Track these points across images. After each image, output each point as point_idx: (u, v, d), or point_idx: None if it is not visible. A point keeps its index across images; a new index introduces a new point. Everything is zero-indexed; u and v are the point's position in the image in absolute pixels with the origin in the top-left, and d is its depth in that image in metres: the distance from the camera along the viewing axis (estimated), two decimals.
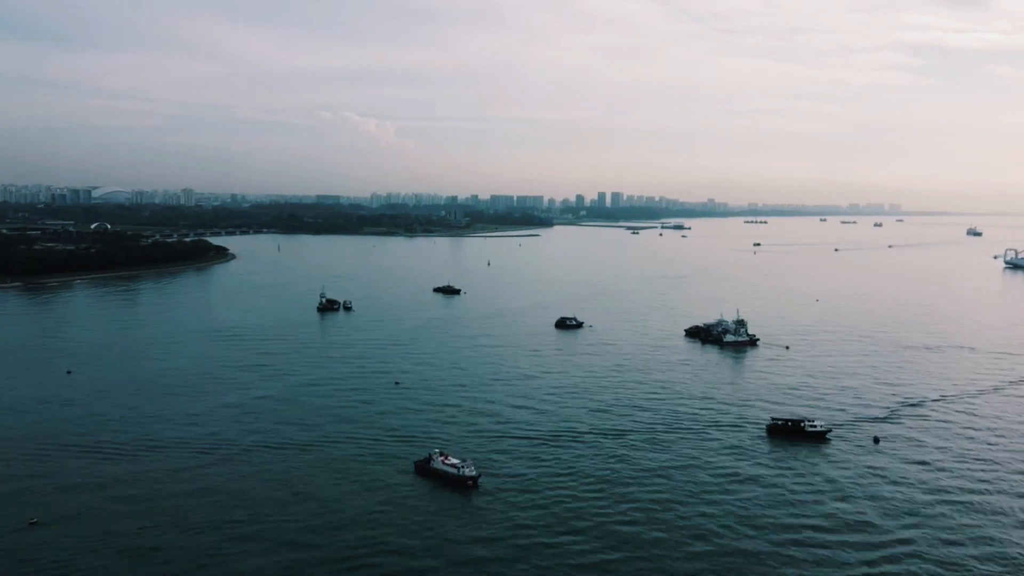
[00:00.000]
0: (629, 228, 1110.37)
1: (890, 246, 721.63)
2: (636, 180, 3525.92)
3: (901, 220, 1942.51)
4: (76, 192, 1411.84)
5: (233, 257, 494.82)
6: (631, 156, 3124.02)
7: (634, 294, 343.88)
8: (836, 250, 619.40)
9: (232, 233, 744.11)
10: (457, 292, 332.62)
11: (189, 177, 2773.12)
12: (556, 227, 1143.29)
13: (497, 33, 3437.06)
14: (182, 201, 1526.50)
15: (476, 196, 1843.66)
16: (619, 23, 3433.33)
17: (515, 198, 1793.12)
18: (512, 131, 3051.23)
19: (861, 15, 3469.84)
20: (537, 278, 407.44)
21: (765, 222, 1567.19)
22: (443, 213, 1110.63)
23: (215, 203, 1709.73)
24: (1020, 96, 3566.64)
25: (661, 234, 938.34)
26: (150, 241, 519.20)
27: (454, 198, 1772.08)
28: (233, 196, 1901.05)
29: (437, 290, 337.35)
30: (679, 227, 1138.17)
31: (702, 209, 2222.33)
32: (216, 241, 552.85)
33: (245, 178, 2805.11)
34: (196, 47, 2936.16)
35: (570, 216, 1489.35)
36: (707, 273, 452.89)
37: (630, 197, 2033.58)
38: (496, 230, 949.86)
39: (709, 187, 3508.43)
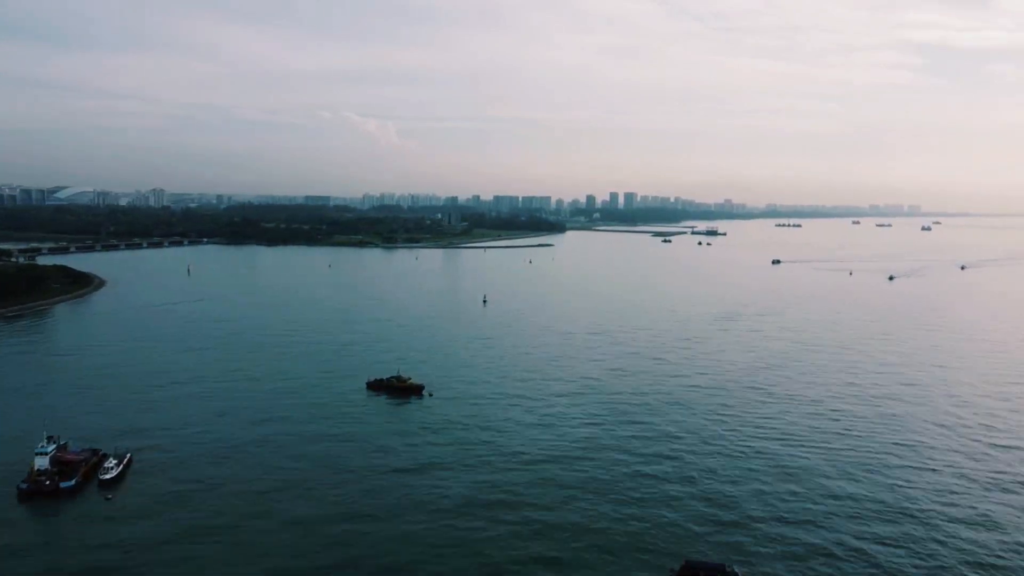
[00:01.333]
0: (656, 234, 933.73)
1: (963, 267, 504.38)
2: (642, 180, 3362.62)
3: (938, 223, 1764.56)
4: (28, 192, 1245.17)
5: (99, 287, 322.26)
6: (635, 156, 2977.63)
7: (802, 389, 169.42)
8: (891, 278, 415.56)
9: (158, 245, 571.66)
10: (417, 391, 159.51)
11: (188, 178, 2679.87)
12: (569, 232, 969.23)
13: (497, 33, 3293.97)
14: (151, 202, 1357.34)
15: (478, 197, 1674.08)
16: (619, 23, 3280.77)
17: (520, 199, 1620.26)
18: (514, 131, 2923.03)
19: (862, 13, 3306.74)
20: (571, 333, 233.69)
21: (799, 225, 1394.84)
22: (438, 216, 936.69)
23: (192, 204, 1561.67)
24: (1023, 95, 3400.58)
25: (701, 243, 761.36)
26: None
27: (454, 199, 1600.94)
28: (219, 196, 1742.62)
29: (375, 386, 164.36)
30: (713, 232, 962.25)
31: (719, 210, 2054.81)
32: (117, 258, 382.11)
33: (244, 179, 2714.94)
34: (196, 48, 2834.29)
35: (583, 219, 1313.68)
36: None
37: (644, 198, 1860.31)
38: (499, 236, 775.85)
39: (721, 187, 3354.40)
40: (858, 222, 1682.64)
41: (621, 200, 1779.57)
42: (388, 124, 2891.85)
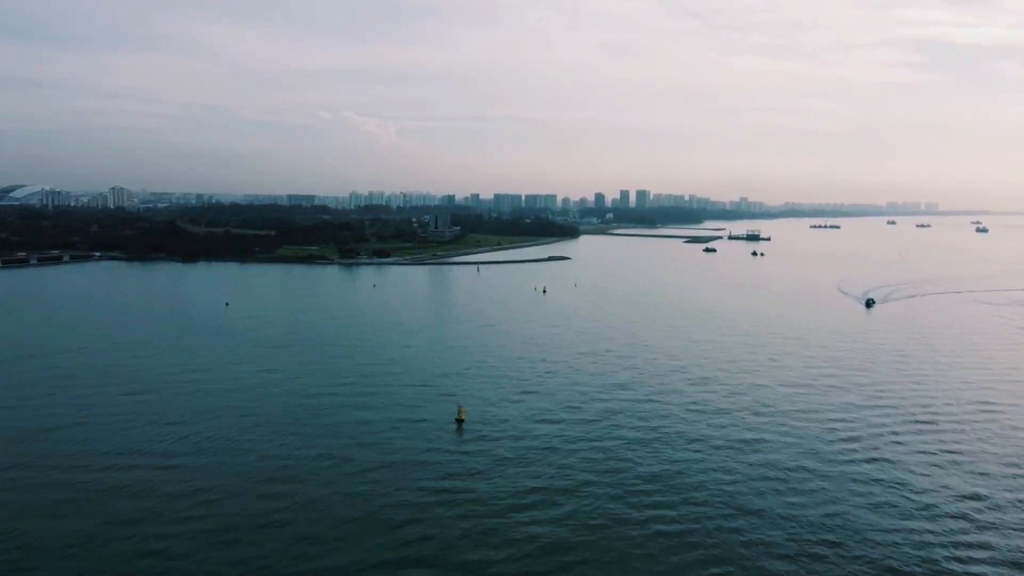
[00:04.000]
0: (690, 240, 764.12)
1: None
2: (649, 178, 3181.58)
3: (978, 222, 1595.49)
4: None
5: None
6: (639, 155, 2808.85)
7: None
8: None
9: (20, 263, 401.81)
10: None
11: (185, 177, 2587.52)
12: (583, 237, 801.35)
13: (494, 31, 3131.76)
14: (109, 202, 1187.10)
15: (477, 195, 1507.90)
16: (616, 20, 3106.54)
17: (523, 197, 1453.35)
18: (514, 130, 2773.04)
19: (861, 11, 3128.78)
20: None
21: (837, 227, 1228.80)
22: (426, 217, 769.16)
23: (162, 204, 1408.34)
24: None
25: (756, 253, 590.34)
26: None
27: (450, 197, 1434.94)
28: (199, 196, 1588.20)
29: None
30: (755, 237, 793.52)
31: (736, 209, 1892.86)
32: None
33: (243, 179, 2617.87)
34: (194, 47, 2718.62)
35: (595, 220, 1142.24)
36: None
37: (657, 196, 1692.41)
38: (499, 244, 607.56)
39: (731, 185, 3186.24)
40: (894, 222, 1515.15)
41: (633, 198, 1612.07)
42: (388, 123, 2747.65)
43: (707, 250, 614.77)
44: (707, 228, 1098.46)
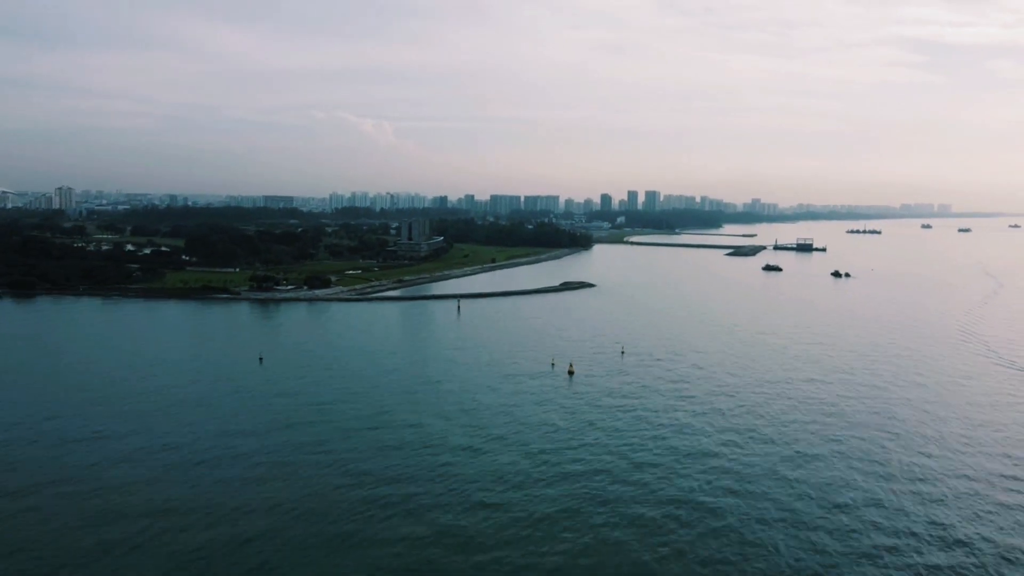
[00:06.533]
0: (733, 252, 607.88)
1: None
2: (652, 179, 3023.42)
3: (1017, 226, 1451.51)
4: None
5: None
6: (641, 155, 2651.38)
7: None
8: None
9: None
10: None
11: (176, 178, 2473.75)
12: (596, 247, 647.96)
13: (487, 30, 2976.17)
14: (54, 203, 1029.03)
15: (472, 196, 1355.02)
16: (608, 18, 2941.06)
17: (523, 199, 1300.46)
18: (511, 131, 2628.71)
19: (856, 8, 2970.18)
20: None
21: (878, 232, 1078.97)
22: (397, 225, 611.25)
23: (123, 206, 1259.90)
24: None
25: (839, 274, 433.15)
26: None
27: (442, 199, 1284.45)
28: (172, 196, 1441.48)
29: None
30: (806, 247, 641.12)
31: (750, 211, 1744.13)
32: None
33: (236, 180, 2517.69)
34: (186, 47, 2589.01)
35: (606, 225, 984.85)
36: None
37: (668, 197, 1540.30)
38: (493, 261, 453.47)
39: (737, 186, 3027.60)
40: (929, 225, 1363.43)
41: (641, 199, 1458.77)
42: (384, 124, 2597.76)
43: (768, 268, 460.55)
44: (731, 233, 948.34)
